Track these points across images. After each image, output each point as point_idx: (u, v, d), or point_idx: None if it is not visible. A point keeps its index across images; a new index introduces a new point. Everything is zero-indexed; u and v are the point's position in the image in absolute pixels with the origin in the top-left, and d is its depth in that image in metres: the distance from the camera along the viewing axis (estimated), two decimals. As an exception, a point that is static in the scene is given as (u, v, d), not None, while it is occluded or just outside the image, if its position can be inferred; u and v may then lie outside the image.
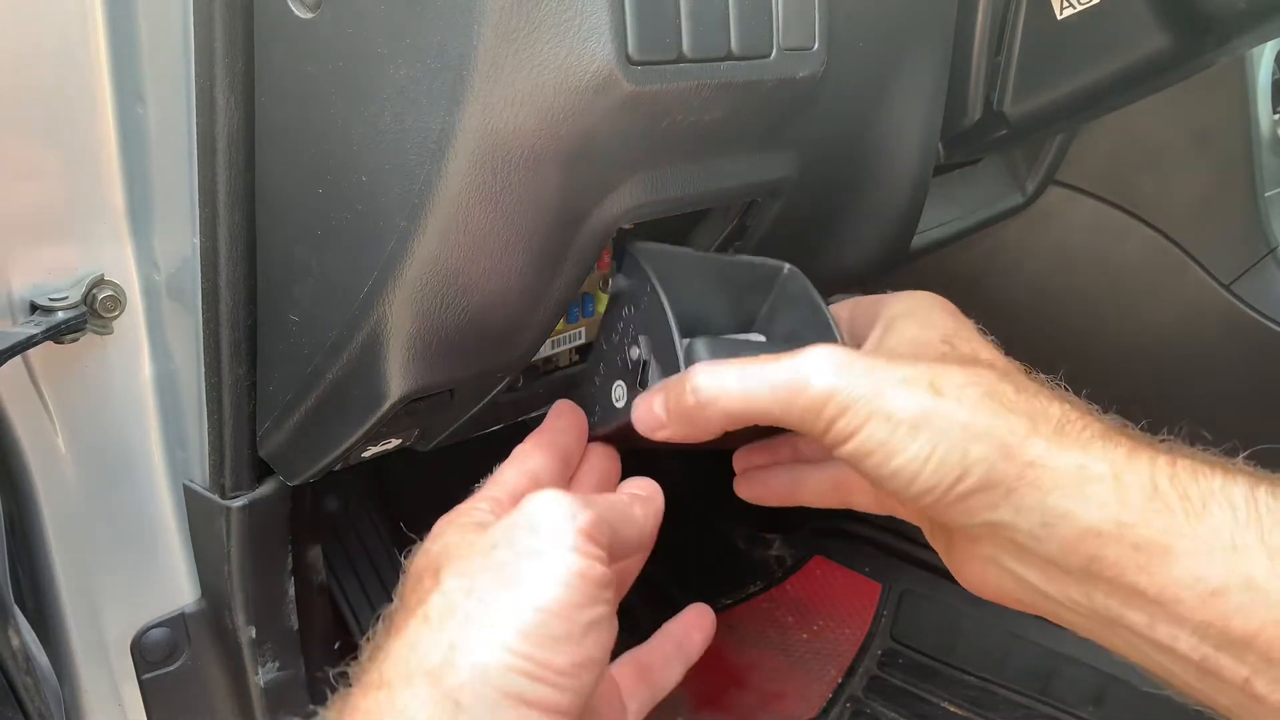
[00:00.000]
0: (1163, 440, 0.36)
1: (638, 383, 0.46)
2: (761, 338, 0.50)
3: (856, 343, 0.46)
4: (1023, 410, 0.35)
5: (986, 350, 0.40)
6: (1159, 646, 0.33)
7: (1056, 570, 0.35)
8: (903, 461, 0.35)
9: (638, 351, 0.47)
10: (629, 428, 0.46)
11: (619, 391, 0.49)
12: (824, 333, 0.47)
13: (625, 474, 0.50)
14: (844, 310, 0.49)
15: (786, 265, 0.51)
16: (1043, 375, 0.40)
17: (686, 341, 0.44)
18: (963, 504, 0.35)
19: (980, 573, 0.38)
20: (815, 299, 0.49)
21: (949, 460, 0.34)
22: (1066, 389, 0.39)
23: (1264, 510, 0.31)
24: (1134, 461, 0.33)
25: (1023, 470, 0.34)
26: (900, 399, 0.35)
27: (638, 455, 0.50)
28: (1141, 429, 0.37)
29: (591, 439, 0.51)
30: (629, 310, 0.48)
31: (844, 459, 0.37)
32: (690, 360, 0.43)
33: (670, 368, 0.44)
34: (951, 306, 0.43)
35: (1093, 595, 0.34)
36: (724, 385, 0.38)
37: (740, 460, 0.53)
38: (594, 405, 0.51)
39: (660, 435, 0.42)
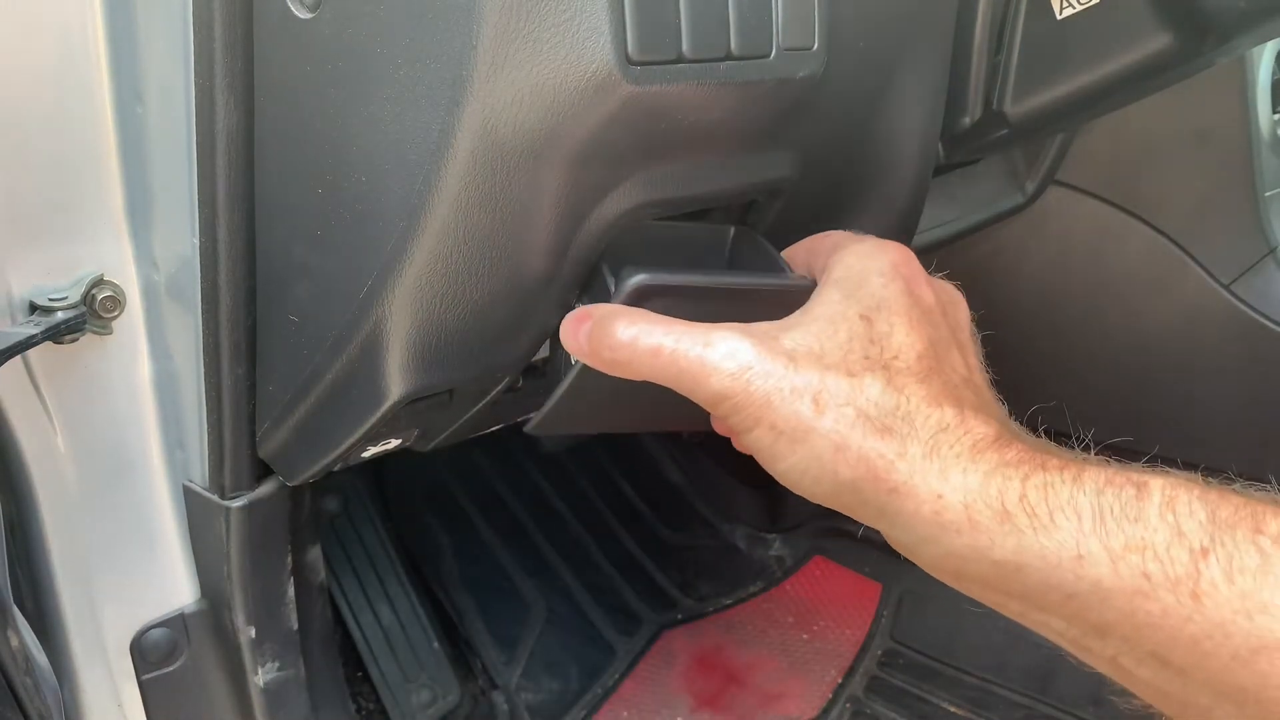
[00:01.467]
0: (1037, 442, 0.38)
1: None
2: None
3: (810, 275, 0.47)
4: (898, 430, 0.37)
5: (902, 331, 0.40)
6: (1037, 625, 0.36)
7: (935, 574, 0.38)
8: (786, 467, 0.38)
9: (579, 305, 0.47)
10: (586, 385, 0.45)
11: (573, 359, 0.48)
12: (778, 269, 0.48)
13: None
14: (802, 246, 0.49)
15: (732, 227, 0.52)
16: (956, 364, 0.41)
17: (615, 276, 0.44)
18: (849, 513, 0.38)
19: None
20: (765, 246, 0.50)
21: (823, 478, 0.37)
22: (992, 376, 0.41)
23: (1107, 515, 0.33)
24: (988, 486, 0.35)
25: (888, 496, 0.36)
26: (784, 411, 0.37)
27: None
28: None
29: (569, 403, 0.51)
30: (584, 297, 0.49)
31: (742, 449, 0.40)
32: (618, 281, 0.43)
33: (602, 298, 0.44)
34: (894, 259, 0.42)
35: (971, 590, 0.37)
36: (635, 346, 0.39)
37: None
38: (560, 375, 0.50)
39: (583, 360, 0.42)
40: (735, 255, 0.52)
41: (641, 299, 0.42)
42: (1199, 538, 0.32)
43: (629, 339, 0.40)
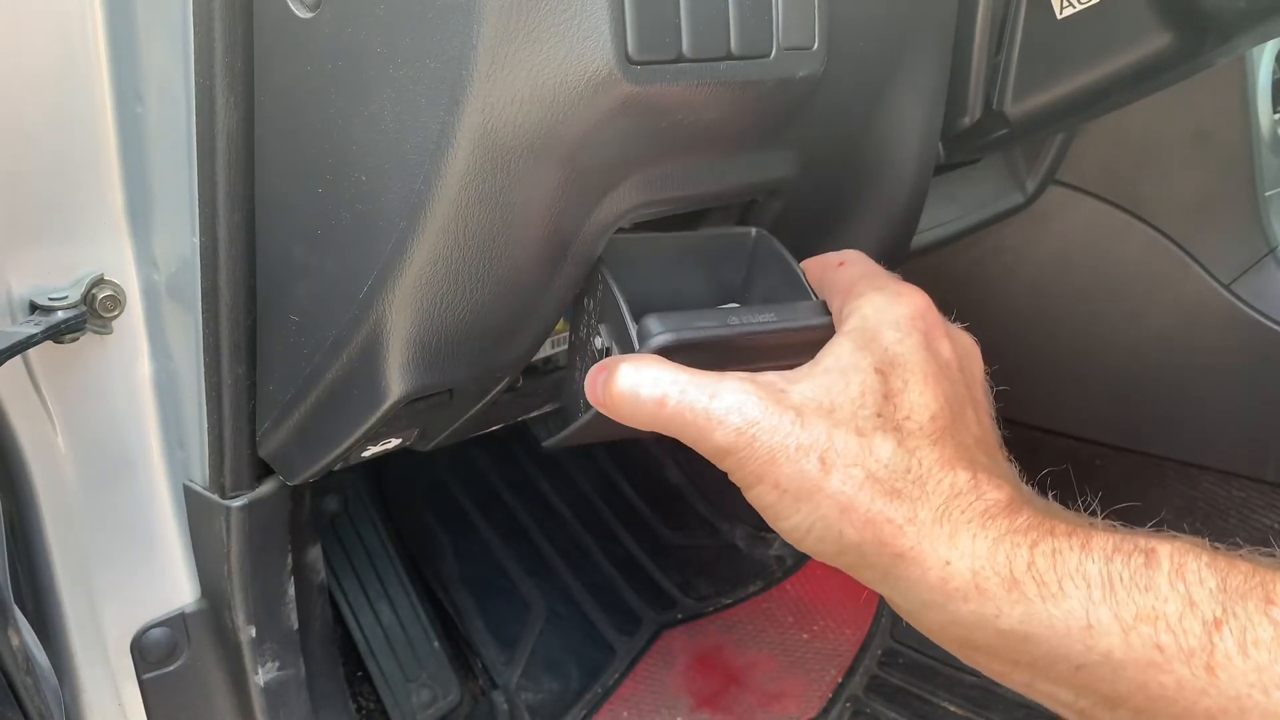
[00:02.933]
0: (1048, 507, 0.37)
1: None
2: (734, 305, 0.50)
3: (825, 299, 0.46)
4: (905, 493, 0.36)
5: (917, 389, 0.38)
6: (1044, 697, 0.35)
7: (940, 641, 0.37)
8: (789, 526, 0.37)
9: (600, 340, 0.46)
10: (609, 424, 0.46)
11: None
12: (798, 290, 0.47)
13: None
14: (814, 269, 0.48)
15: (754, 229, 0.50)
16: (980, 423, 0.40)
17: (637, 323, 0.43)
18: (851, 572, 0.37)
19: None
20: (787, 259, 0.49)
21: (827, 537, 0.36)
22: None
23: (1117, 584, 0.32)
24: (996, 553, 0.34)
25: (894, 560, 0.35)
26: (789, 469, 0.36)
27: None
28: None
29: (582, 433, 0.51)
30: (589, 301, 0.48)
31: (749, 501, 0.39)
32: (642, 337, 0.42)
33: (626, 349, 0.43)
34: (911, 312, 0.41)
35: (976, 660, 0.36)
36: (639, 396, 0.39)
37: None
38: (578, 400, 0.51)
39: (596, 408, 0.42)
40: (754, 264, 0.51)
41: (666, 354, 0.41)
42: (1211, 608, 0.31)
43: (631, 388, 0.39)
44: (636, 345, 0.42)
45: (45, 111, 0.49)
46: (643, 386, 0.38)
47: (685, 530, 1.33)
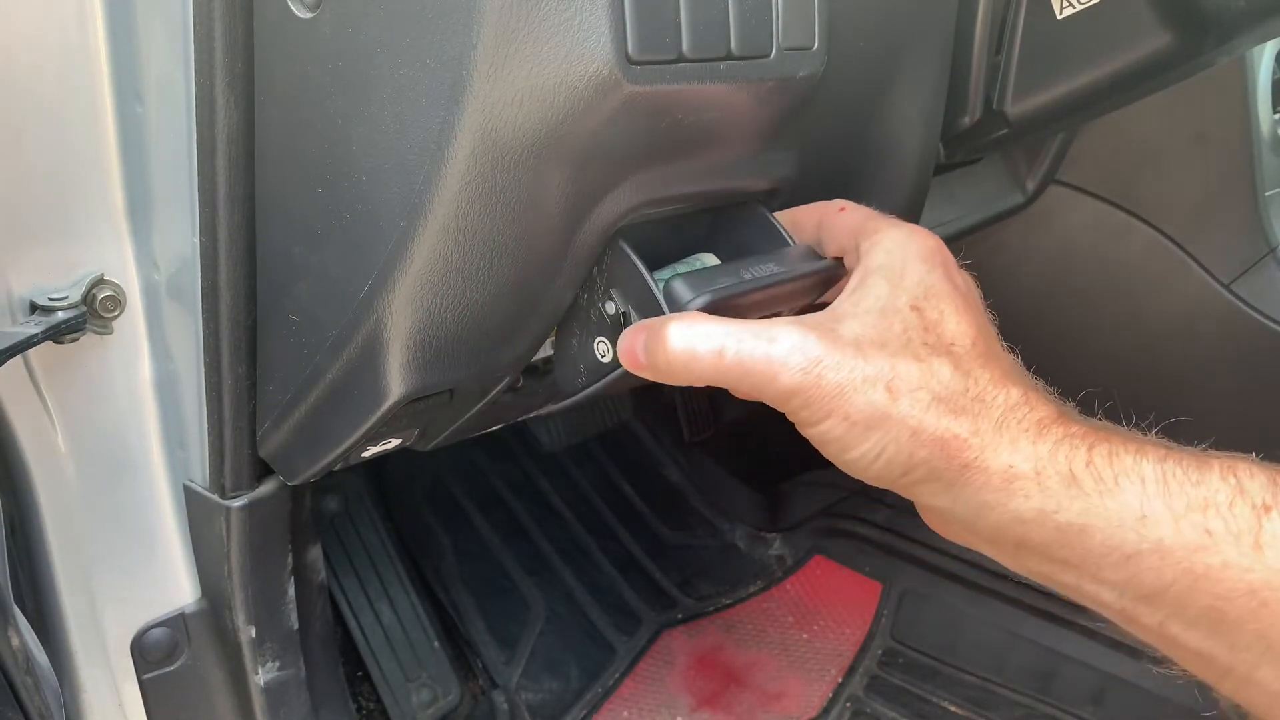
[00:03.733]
0: (1098, 422, 0.39)
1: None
2: (714, 258, 0.51)
3: (824, 250, 0.48)
4: (968, 409, 0.38)
5: (953, 318, 0.41)
6: (1087, 597, 0.38)
7: (992, 544, 0.40)
8: (856, 455, 0.39)
9: (614, 306, 0.47)
10: (620, 380, 0.46)
11: (602, 348, 0.49)
12: (775, 238, 0.49)
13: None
14: (812, 215, 0.50)
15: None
16: (1006, 347, 0.43)
17: (663, 283, 0.44)
18: (910, 489, 0.40)
19: (938, 523, 0.42)
20: (757, 208, 0.51)
21: (897, 459, 0.38)
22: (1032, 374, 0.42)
23: (1170, 479, 0.35)
24: (1056, 454, 0.37)
25: (960, 471, 0.38)
26: (858, 401, 0.38)
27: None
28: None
29: (579, 394, 0.52)
30: (593, 269, 0.49)
31: (807, 438, 0.40)
32: (671, 301, 0.44)
33: (650, 312, 0.45)
34: (930, 246, 0.44)
35: (1026, 563, 0.39)
36: (695, 352, 0.40)
37: None
38: (578, 364, 0.51)
39: (643, 374, 0.43)
40: (719, 218, 0.53)
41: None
42: (1262, 496, 0.33)
43: (686, 346, 0.40)
44: (665, 309, 0.44)
45: (45, 111, 0.49)
46: (698, 342, 0.40)
47: (685, 530, 1.33)
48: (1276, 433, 1.03)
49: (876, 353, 0.39)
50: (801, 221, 0.50)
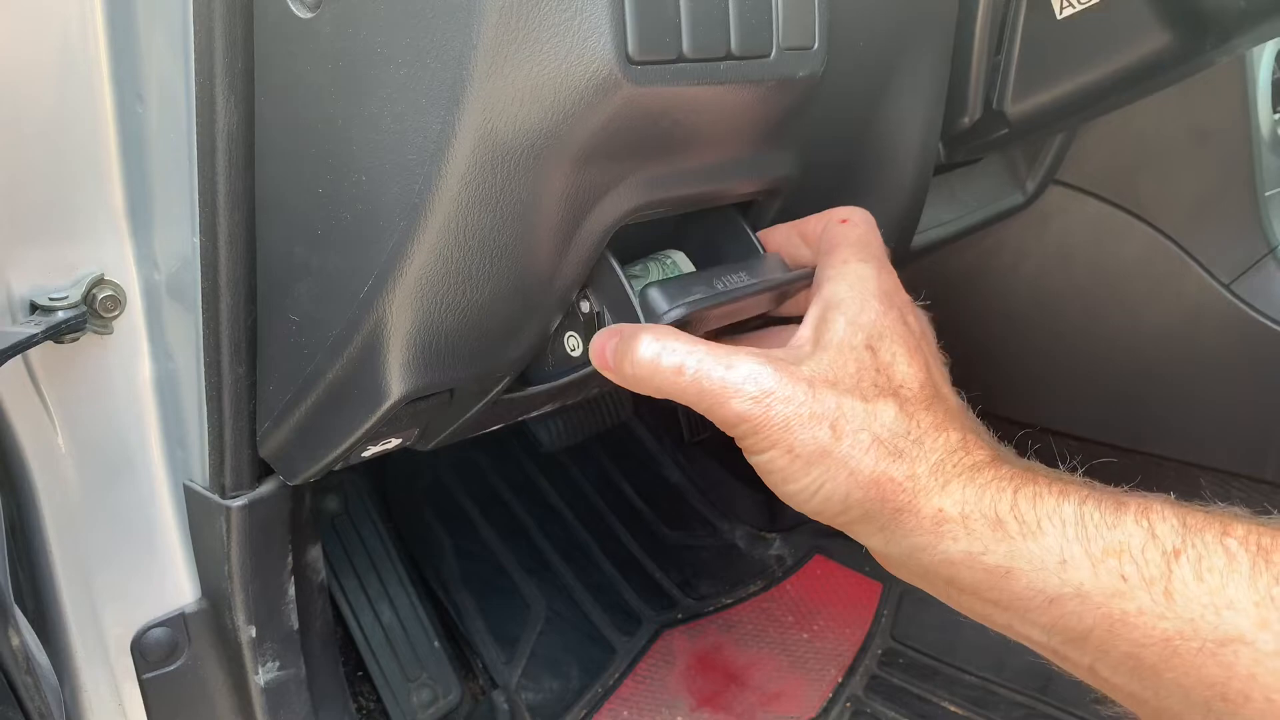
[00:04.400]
0: (1029, 464, 0.40)
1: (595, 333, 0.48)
2: (683, 256, 0.53)
3: (791, 260, 0.50)
4: (907, 453, 0.39)
5: (904, 361, 0.42)
6: (1021, 637, 0.38)
7: (926, 583, 0.41)
8: (797, 489, 0.40)
9: (588, 305, 0.49)
10: (587, 376, 0.48)
11: (573, 342, 0.50)
12: (744, 245, 0.51)
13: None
14: (818, 224, 0.51)
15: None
16: (949, 389, 0.44)
17: (639, 290, 0.46)
18: (848, 527, 0.41)
19: (879, 559, 0.44)
20: (734, 215, 0.52)
21: (834, 497, 0.40)
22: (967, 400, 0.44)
23: (1088, 522, 0.35)
24: (983, 497, 0.38)
25: (894, 514, 0.39)
26: (803, 436, 0.39)
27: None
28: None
29: (544, 384, 0.53)
30: (591, 294, 0.49)
31: (752, 464, 0.42)
32: (646, 310, 0.45)
33: (624, 317, 0.46)
34: (888, 288, 0.45)
35: (961, 602, 0.39)
36: (659, 365, 0.41)
37: None
38: (547, 354, 0.52)
39: (609, 376, 0.44)
40: (685, 218, 0.54)
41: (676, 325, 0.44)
42: (1171, 540, 0.34)
43: (652, 358, 0.41)
44: (641, 316, 0.45)
45: (45, 111, 0.49)
46: (664, 356, 0.41)
47: (685, 530, 1.33)
48: (1276, 433, 1.03)
49: (827, 391, 0.40)
50: (809, 231, 0.51)
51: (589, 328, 0.49)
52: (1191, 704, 0.33)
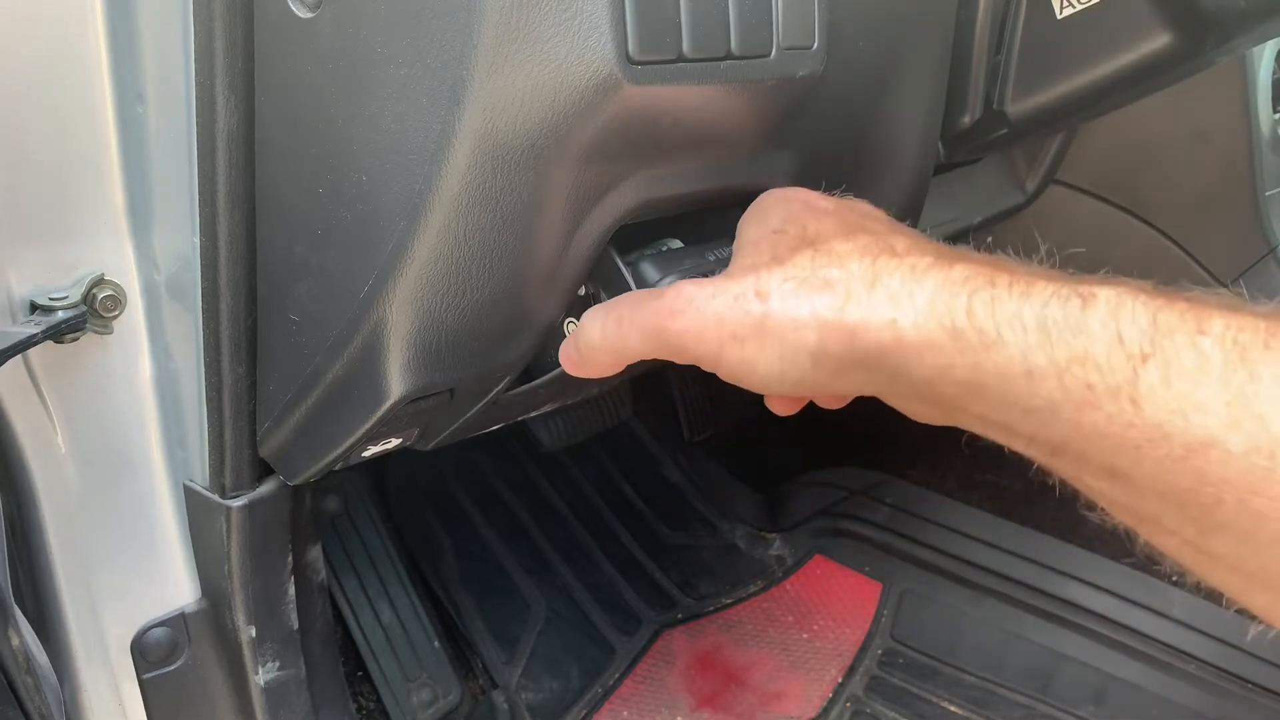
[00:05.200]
0: (985, 258, 0.38)
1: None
2: (680, 244, 0.53)
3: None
4: (837, 280, 0.37)
5: (814, 224, 0.41)
6: (1018, 448, 0.36)
7: (920, 404, 0.38)
8: (765, 372, 0.39)
9: (584, 288, 0.49)
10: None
11: (571, 327, 0.50)
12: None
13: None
14: None
15: None
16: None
17: (630, 265, 0.46)
18: (830, 382, 0.38)
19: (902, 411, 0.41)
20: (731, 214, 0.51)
21: (797, 359, 0.38)
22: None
23: (1051, 327, 0.33)
24: (935, 304, 0.35)
25: (852, 341, 0.37)
26: (735, 316, 0.38)
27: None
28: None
29: (548, 375, 0.53)
30: (598, 292, 0.50)
31: (727, 381, 0.41)
32: (639, 282, 0.46)
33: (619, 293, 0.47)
34: (789, 193, 0.45)
35: (958, 419, 0.37)
36: (606, 337, 0.41)
37: None
38: (548, 346, 0.52)
39: (579, 372, 0.45)
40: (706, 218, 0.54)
41: None
42: (1139, 344, 0.31)
43: (599, 335, 0.42)
44: (634, 289, 0.46)
45: (45, 111, 0.49)
46: (606, 318, 0.42)
47: (685, 530, 1.33)
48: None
49: (744, 273, 0.40)
50: None
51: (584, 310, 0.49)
52: (1167, 505, 0.31)
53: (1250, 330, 0.31)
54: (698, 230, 0.53)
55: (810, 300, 0.37)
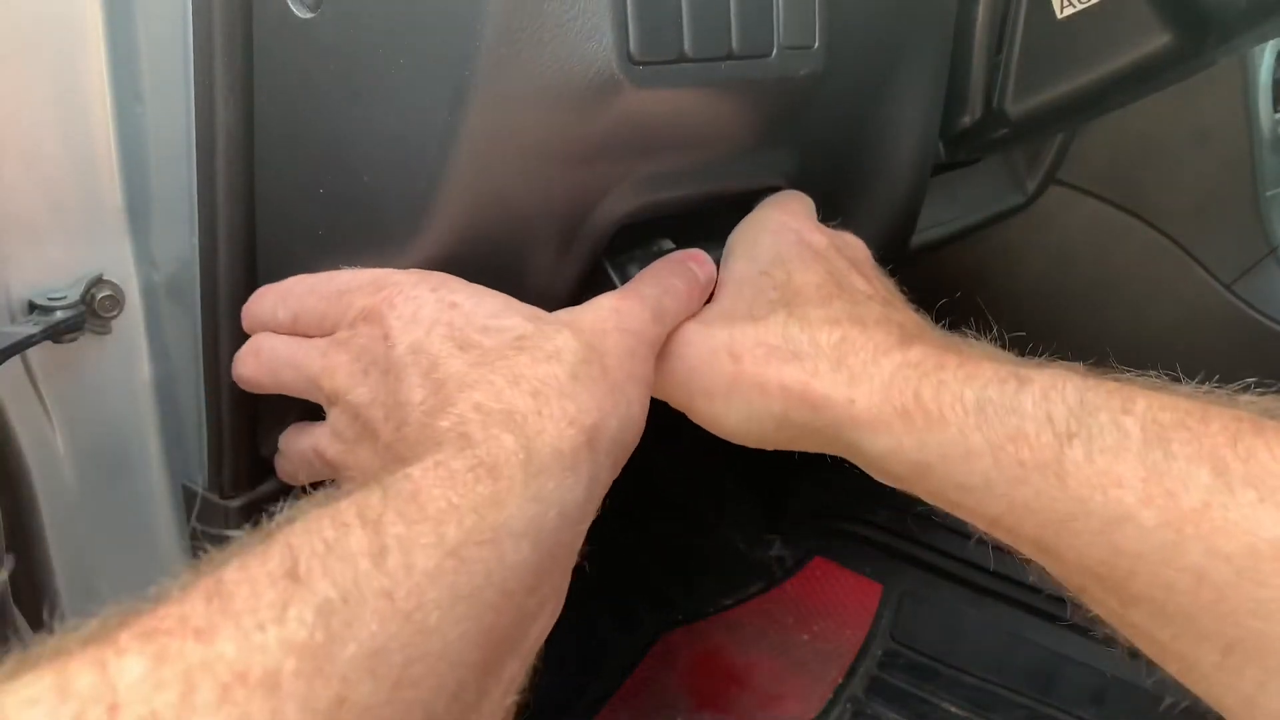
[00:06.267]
0: (945, 340, 0.40)
1: None
2: (672, 245, 0.53)
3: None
4: (806, 353, 0.39)
5: (799, 273, 0.42)
6: (964, 514, 0.37)
7: (878, 474, 0.39)
8: (731, 425, 0.41)
9: None
10: None
11: None
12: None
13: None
14: None
15: None
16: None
17: (618, 267, 0.47)
18: (792, 444, 0.41)
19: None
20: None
21: (761, 418, 0.40)
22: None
23: (987, 409, 0.35)
24: (890, 387, 0.37)
25: (814, 413, 0.39)
26: (709, 372, 0.40)
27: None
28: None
29: None
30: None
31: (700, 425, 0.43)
32: (625, 280, 0.46)
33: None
34: (779, 220, 0.46)
35: (908, 488, 0.39)
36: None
37: None
38: None
39: None
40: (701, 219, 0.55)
41: None
42: (1066, 421, 0.33)
43: None
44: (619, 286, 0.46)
45: (44, 111, 0.49)
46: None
47: (685, 531, 1.33)
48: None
49: (720, 324, 0.41)
50: None
51: None
52: (1090, 582, 0.33)
53: (1170, 410, 0.32)
54: (691, 229, 0.53)
55: (779, 370, 0.39)
